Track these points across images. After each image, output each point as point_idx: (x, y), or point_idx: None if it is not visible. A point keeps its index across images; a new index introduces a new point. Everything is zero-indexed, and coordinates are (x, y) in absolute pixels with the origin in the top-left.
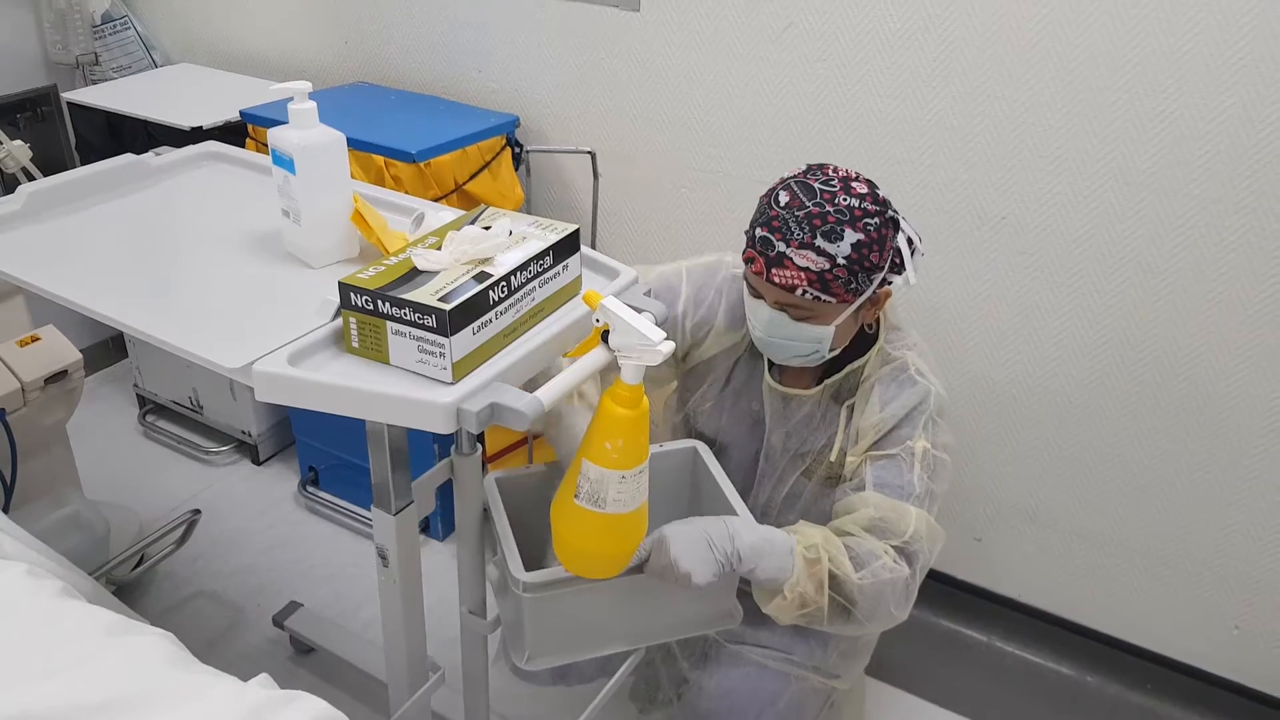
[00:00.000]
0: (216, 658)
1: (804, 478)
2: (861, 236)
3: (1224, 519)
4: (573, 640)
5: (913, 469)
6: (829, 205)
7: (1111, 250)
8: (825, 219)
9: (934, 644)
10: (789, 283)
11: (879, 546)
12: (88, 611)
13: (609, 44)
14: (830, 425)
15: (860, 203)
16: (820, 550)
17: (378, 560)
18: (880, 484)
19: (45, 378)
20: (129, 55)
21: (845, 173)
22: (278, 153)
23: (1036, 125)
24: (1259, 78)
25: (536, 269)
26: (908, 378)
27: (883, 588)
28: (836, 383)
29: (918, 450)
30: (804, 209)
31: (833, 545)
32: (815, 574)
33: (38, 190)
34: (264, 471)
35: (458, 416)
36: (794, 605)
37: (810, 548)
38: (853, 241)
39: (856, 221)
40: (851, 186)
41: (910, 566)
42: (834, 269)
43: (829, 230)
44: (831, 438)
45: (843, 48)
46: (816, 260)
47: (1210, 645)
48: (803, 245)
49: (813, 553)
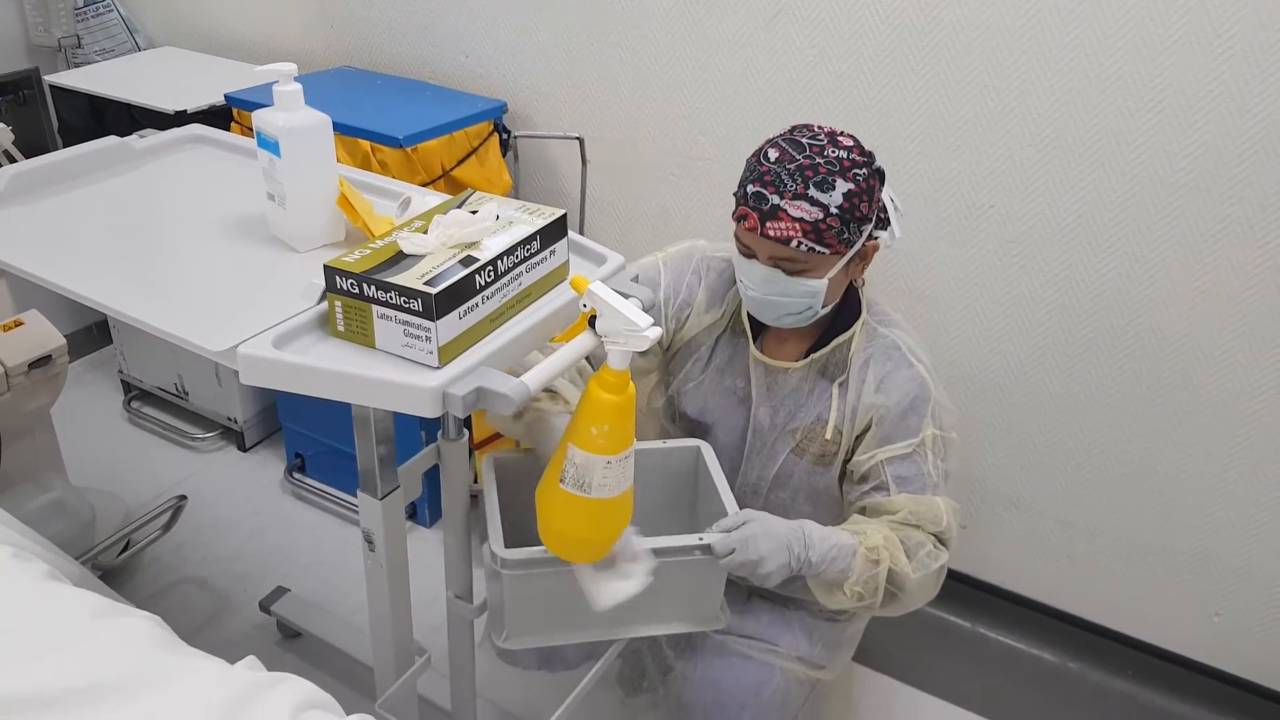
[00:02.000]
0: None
1: (794, 455)
2: (852, 186)
3: (1205, 508)
4: (552, 622)
5: (927, 459)
6: (819, 157)
7: (1099, 239)
8: (817, 170)
9: (919, 630)
10: (784, 235)
11: (922, 535)
12: (74, 595)
13: (598, 30)
14: (819, 401)
15: (849, 154)
16: (881, 551)
17: (364, 545)
18: (901, 481)
19: (29, 363)
20: (112, 38)
21: (830, 129)
22: (263, 135)
23: (1025, 114)
24: (1247, 67)
25: (524, 254)
26: (901, 357)
27: (929, 576)
28: (823, 357)
29: (928, 439)
30: (794, 162)
31: (892, 544)
32: (875, 576)
33: (20, 173)
34: (250, 458)
35: (444, 400)
36: (851, 600)
37: (873, 549)
38: (844, 191)
39: (847, 172)
40: (838, 139)
41: (946, 550)
42: (827, 219)
43: (821, 180)
44: (822, 414)
45: (832, 35)
46: (810, 210)
47: (1191, 632)
48: (796, 196)
49: (874, 554)
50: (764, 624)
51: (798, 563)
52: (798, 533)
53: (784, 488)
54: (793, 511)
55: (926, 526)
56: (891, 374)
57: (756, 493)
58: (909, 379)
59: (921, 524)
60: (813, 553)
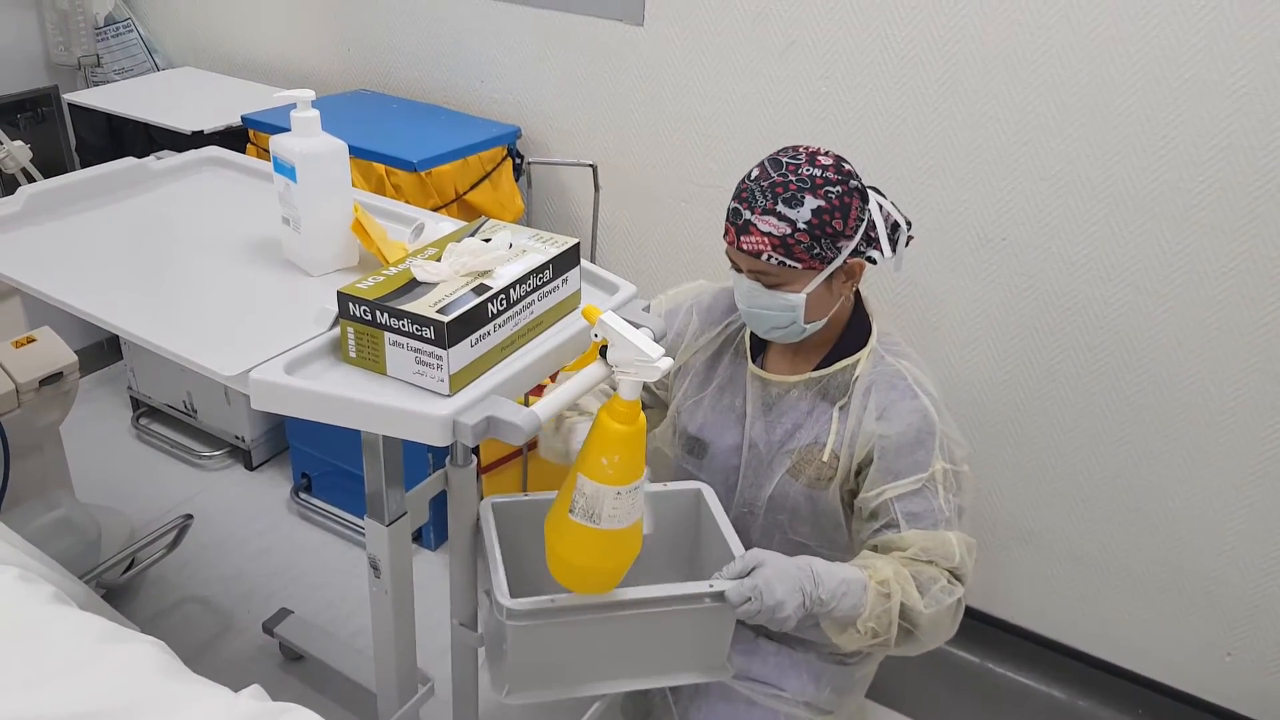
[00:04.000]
0: (205, 664)
1: (790, 477)
2: (822, 203)
3: (1218, 546)
4: (555, 676)
5: (937, 494)
6: (792, 175)
7: (1111, 274)
8: (788, 187)
9: (927, 666)
10: (755, 248)
11: (935, 570)
12: (80, 618)
13: (612, 58)
14: (818, 423)
15: (823, 173)
16: (892, 585)
17: (369, 571)
18: (912, 517)
19: (40, 379)
20: (131, 58)
21: (814, 149)
22: (279, 160)
23: (1038, 148)
24: (1260, 106)
25: (536, 282)
26: (906, 387)
27: (944, 612)
28: (824, 378)
29: (937, 474)
30: (769, 179)
31: (903, 578)
32: (888, 610)
33: (38, 192)
34: (257, 477)
35: (454, 429)
36: (866, 637)
37: (883, 583)
38: (813, 207)
39: (818, 189)
40: (817, 159)
41: (962, 586)
42: (795, 234)
43: (790, 197)
44: (820, 436)
45: (845, 67)
46: (778, 225)
47: (1203, 672)
48: (765, 212)
49: (885, 588)
50: (770, 667)
51: (810, 601)
52: (806, 570)
53: (781, 509)
54: (790, 532)
55: (940, 563)
56: (895, 403)
57: (753, 512)
58: (912, 410)
59: (934, 560)
60: (822, 589)
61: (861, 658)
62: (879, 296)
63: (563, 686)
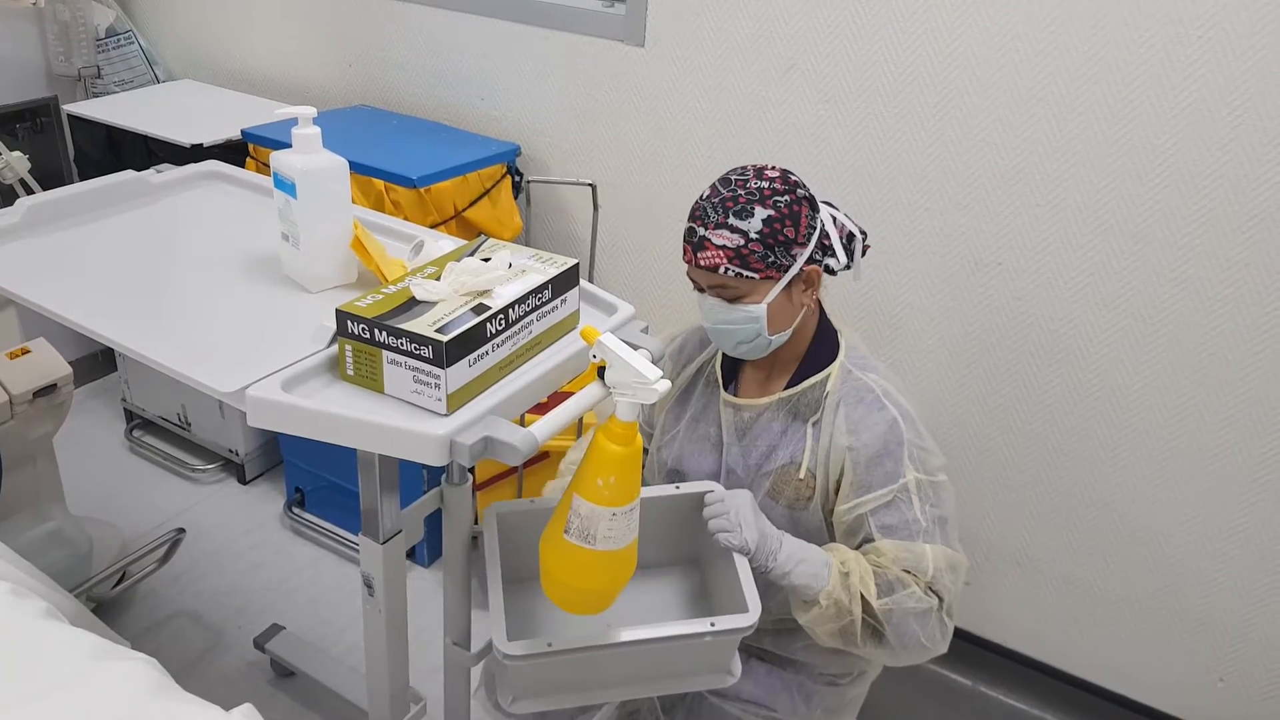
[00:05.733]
0: (196, 680)
1: (770, 499)
2: (771, 212)
3: (1210, 571)
4: (559, 691)
5: (911, 505)
6: (740, 189)
7: (1106, 299)
8: (737, 200)
9: (920, 688)
10: (711, 263)
11: (909, 579)
12: (71, 635)
13: (613, 78)
14: (792, 442)
15: (770, 184)
16: (851, 565)
17: (363, 589)
18: (886, 529)
19: (34, 391)
20: (131, 70)
21: (761, 165)
22: (280, 176)
23: (1034, 174)
24: (1256, 134)
25: (535, 302)
26: (874, 400)
27: (907, 615)
28: (794, 396)
29: (911, 484)
30: (719, 196)
31: (862, 566)
32: (849, 585)
33: (37, 204)
34: (250, 491)
35: (451, 449)
36: (830, 614)
37: (844, 562)
38: (763, 217)
39: (766, 200)
40: (764, 173)
41: (941, 599)
42: (749, 244)
43: (740, 209)
44: (795, 455)
45: (844, 91)
46: (731, 237)
47: (1195, 697)
48: (718, 225)
49: (844, 566)
50: (762, 687)
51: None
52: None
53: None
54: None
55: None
56: (864, 417)
57: None
58: (879, 421)
59: (909, 570)
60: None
61: (852, 678)
62: (871, 316)
63: (567, 697)
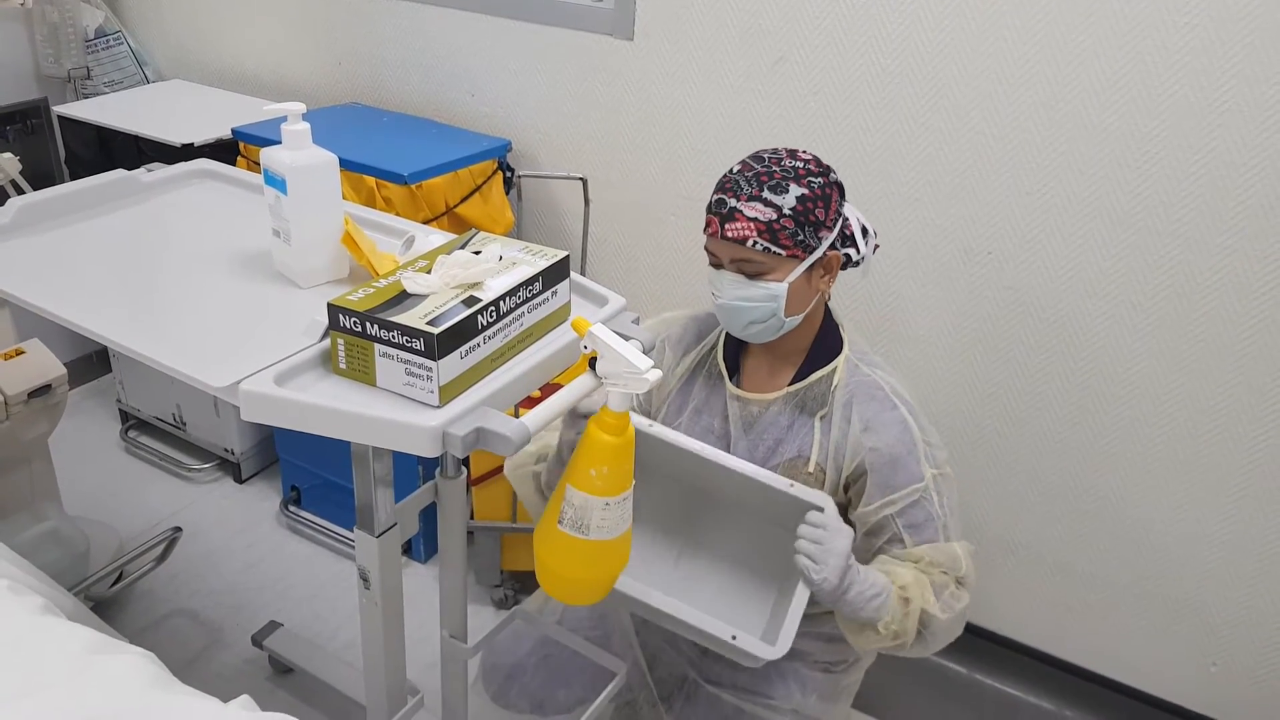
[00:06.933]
0: (194, 677)
1: None
2: (806, 191)
3: (1202, 557)
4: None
5: (933, 501)
6: (775, 166)
7: (1096, 287)
8: (772, 176)
9: (915, 676)
10: (740, 234)
11: (949, 580)
12: (69, 629)
13: (603, 72)
14: (800, 436)
15: (805, 165)
16: (911, 589)
17: (359, 582)
18: (914, 529)
19: (28, 392)
20: (121, 70)
21: (792, 149)
22: (270, 173)
23: (1023, 163)
24: (1242, 121)
25: (525, 294)
26: (885, 398)
27: (955, 618)
28: (801, 390)
29: (929, 481)
30: (753, 170)
31: (921, 584)
32: (909, 615)
33: (28, 204)
34: (246, 489)
35: (443, 441)
36: (886, 639)
37: (904, 587)
38: (797, 195)
39: (801, 179)
40: (797, 154)
41: (967, 593)
42: (781, 219)
43: (775, 185)
44: (803, 449)
45: (833, 82)
46: (764, 210)
47: (1188, 682)
48: (751, 198)
49: (905, 592)
50: (758, 676)
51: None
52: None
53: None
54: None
55: (949, 572)
56: (878, 415)
57: None
58: (894, 422)
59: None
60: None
61: (848, 666)
62: (864, 307)
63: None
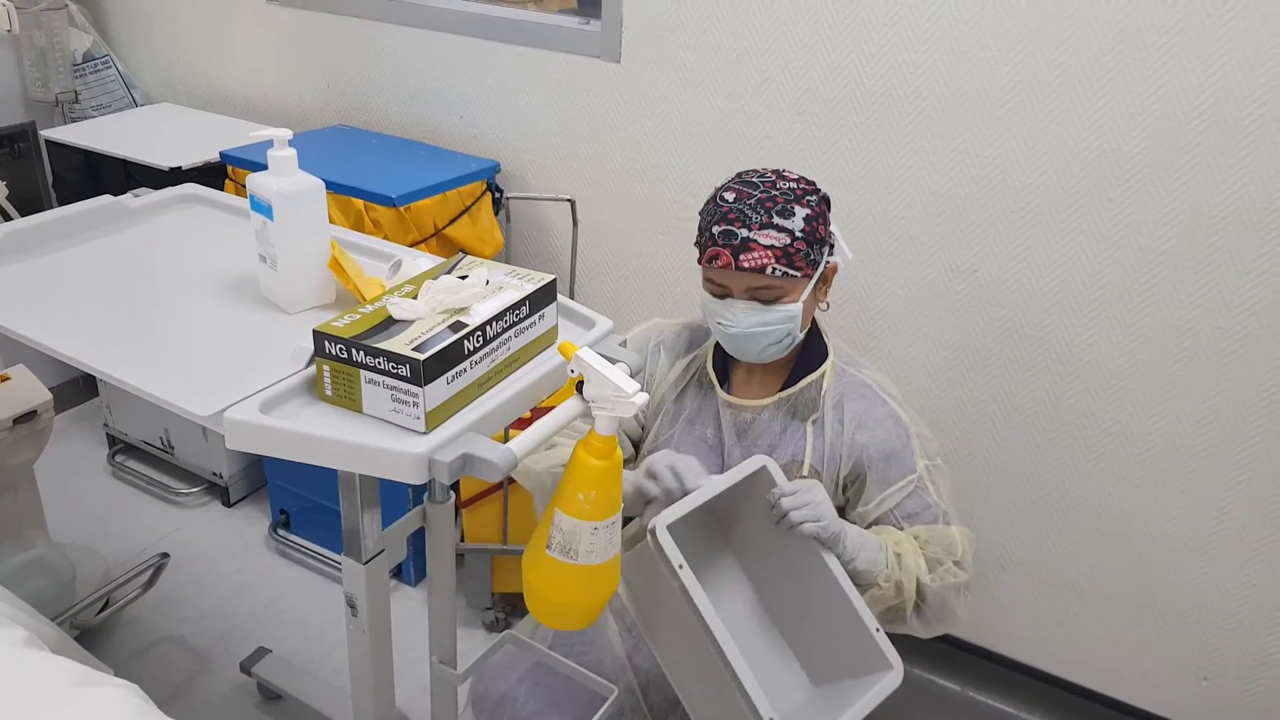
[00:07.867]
0: (182, 706)
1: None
2: (809, 210)
3: (1192, 572)
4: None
5: (929, 490)
6: (773, 190)
7: (1080, 304)
8: (775, 201)
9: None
10: (759, 263)
11: (945, 556)
12: (51, 662)
13: (590, 94)
14: (793, 441)
15: (798, 184)
16: (904, 544)
17: (347, 609)
18: (911, 517)
19: (14, 418)
20: (109, 94)
21: (774, 169)
22: (256, 198)
23: (1007, 181)
24: (1223, 138)
25: (512, 319)
26: (874, 395)
27: (949, 591)
28: (793, 396)
29: (922, 471)
30: (753, 197)
31: (911, 545)
32: (904, 565)
33: (13, 231)
34: (234, 513)
35: (430, 467)
36: (888, 594)
37: (896, 542)
38: (804, 216)
39: (802, 199)
40: (784, 174)
41: (966, 574)
42: (794, 242)
43: (782, 209)
44: (797, 454)
45: (818, 102)
46: (779, 236)
47: (1180, 697)
48: (763, 226)
49: (898, 547)
50: None
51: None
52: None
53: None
54: None
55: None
56: (869, 411)
57: None
58: (886, 416)
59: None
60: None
61: None
62: (851, 326)
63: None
